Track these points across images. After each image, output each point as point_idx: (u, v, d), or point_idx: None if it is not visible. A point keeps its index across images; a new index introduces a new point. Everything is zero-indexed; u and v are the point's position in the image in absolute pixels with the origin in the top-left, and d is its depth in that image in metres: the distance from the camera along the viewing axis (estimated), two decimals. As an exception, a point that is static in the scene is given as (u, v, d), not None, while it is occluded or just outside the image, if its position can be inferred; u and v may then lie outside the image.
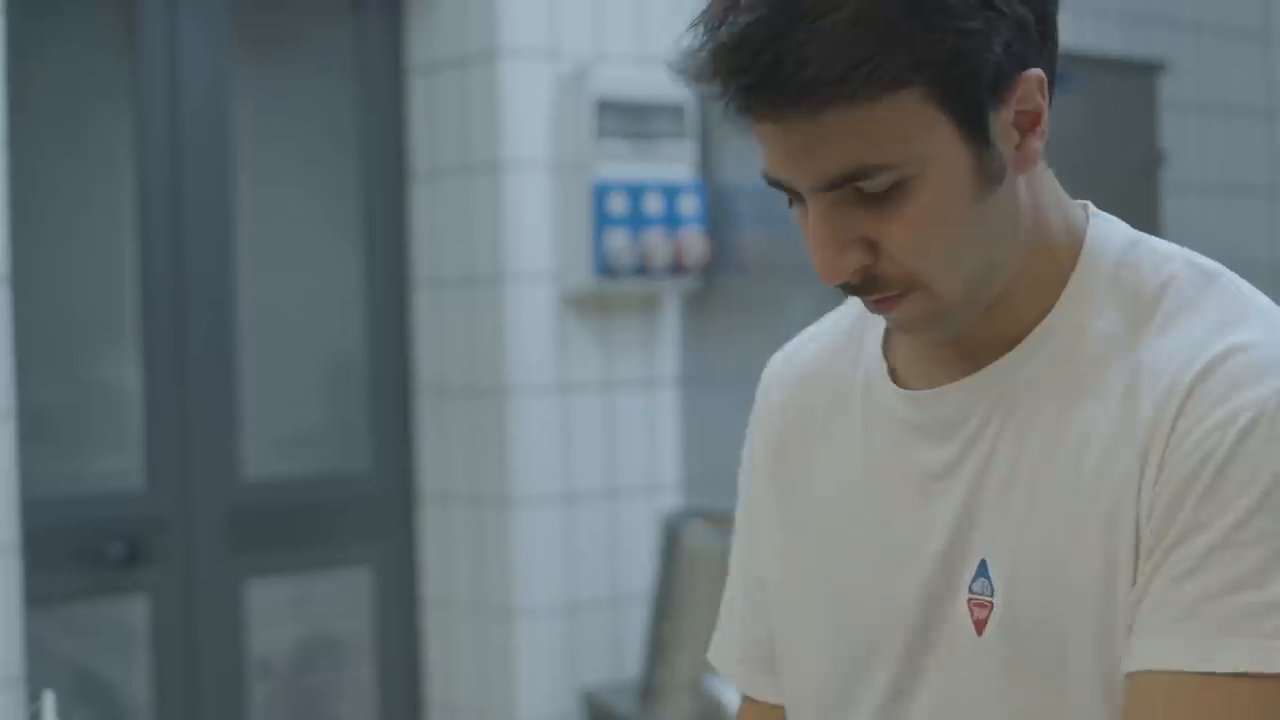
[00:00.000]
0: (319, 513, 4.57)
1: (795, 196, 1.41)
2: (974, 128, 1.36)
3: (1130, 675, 1.36)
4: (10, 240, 3.68)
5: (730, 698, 3.76)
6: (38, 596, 3.90)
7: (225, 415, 4.39)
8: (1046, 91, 1.41)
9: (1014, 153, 1.40)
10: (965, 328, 1.46)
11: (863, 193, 1.37)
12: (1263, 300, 1.45)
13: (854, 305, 1.59)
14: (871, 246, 1.39)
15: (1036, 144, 1.41)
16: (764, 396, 1.71)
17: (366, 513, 4.63)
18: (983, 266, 1.42)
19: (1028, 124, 1.40)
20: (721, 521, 4.29)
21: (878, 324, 1.58)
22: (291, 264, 4.57)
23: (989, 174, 1.39)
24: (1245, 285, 1.46)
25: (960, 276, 1.41)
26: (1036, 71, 1.39)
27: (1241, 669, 1.31)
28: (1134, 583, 1.36)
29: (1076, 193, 1.53)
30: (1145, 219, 5.18)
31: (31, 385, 3.94)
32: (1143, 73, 4.98)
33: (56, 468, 4.20)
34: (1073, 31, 5.41)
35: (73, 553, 4.18)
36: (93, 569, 4.20)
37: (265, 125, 4.51)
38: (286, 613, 4.54)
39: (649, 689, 4.32)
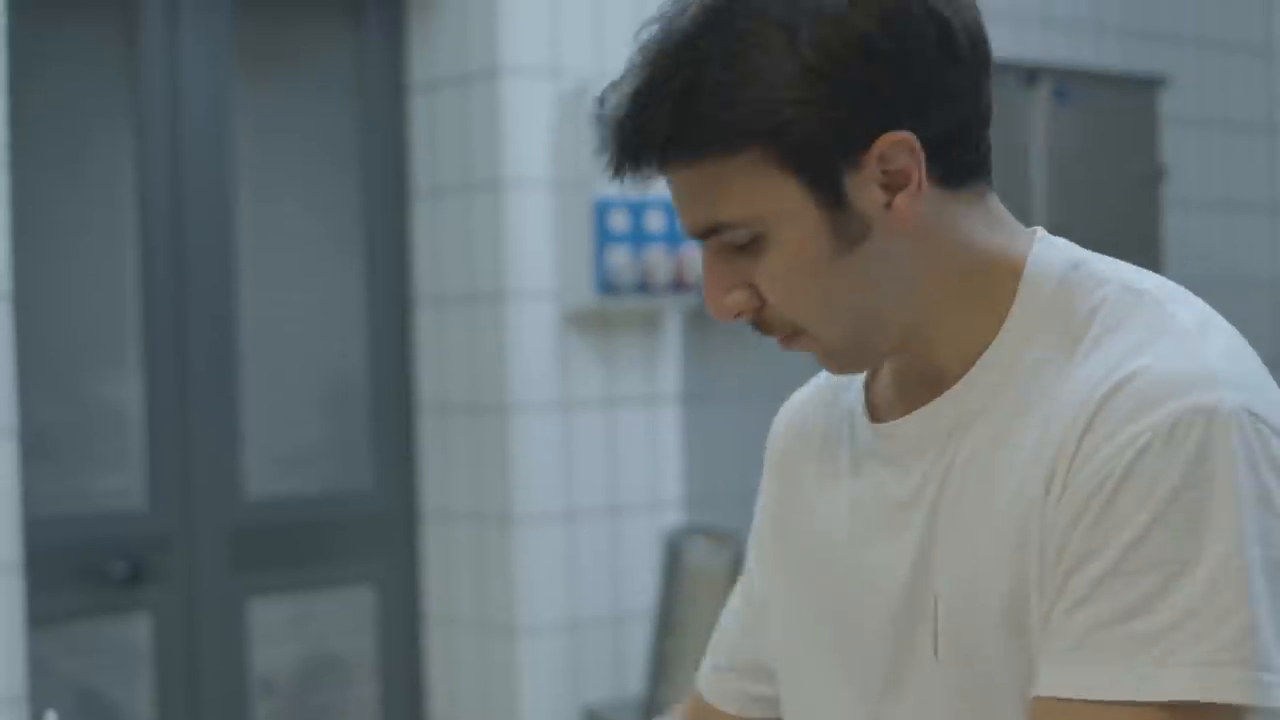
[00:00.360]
0: (321, 531, 4.57)
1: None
2: (823, 189, 1.43)
3: (1032, 699, 1.38)
4: (12, 258, 3.68)
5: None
6: (40, 615, 3.90)
7: (227, 433, 4.39)
8: (919, 151, 1.43)
9: (882, 211, 1.44)
10: (916, 358, 1.52)
11: (729, 243, 1.46)
12: (1187, 317, 1.44)
13: None
14: (755, 290, 1.47)
15: (907, 202, 1.44)
16: (770, 438, 1.77)
17: (368, 531, 4.63)
18: (865, 314, 1.48)
19: (899, 183, 1.44)
20: (723, 538, 4.30)
21: None
22: (293, 281, 4.57)
23: (846, 233, 1.44)
24: (1176, 302, 1.46)
25: (837, 326, 1.48)
26: (902, 133, 1.42)
27: (1126, 698, 1.32)
28: (1042, 603, 1.39)
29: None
30: (1146, 234, 5.20)
31: (33, 404, 3.95)
32: (1143, 87, 4.98)
33: (59, 486, 4.19)
34: (1073, 47, 5.44)
35: (75, 571, 4.17)
36: (95, 588, 4.20)
37: (266, 142, 4.52)
38: (289, 631, 4.54)
39: (652, 706, 4.32)
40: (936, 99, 1.44)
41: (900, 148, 1.42)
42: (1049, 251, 1.51)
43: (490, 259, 4.43)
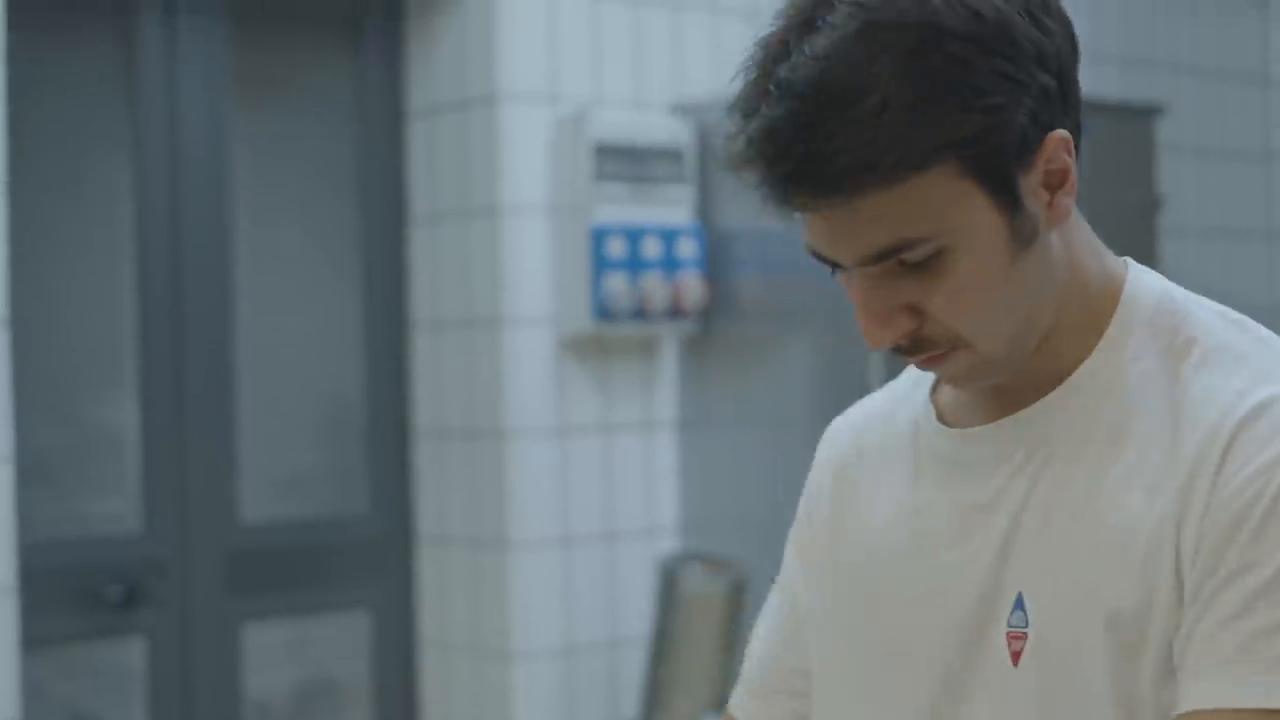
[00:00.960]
0: (317, 555, 4.56)
1: (837, 266, 1.46)
2: (1005, 195, 1.41)
3: (1181, 716, 1.38)
4: (10, 283, 3.69)
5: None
6: (35, 638, 3.90)
7: (223, 457, 4.39)
8: (1073, 148, 1.45)
9: (1045, 211, 1.45)
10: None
11: (904, 263, 1.42)
12: None
13: (911, 371, 1.67)
14: (915, 311, 1.45)
15: (1067, 200, 1.46)
16: (820, 454, 1.76)
17: (364, 555, 4.63)
18: (1023, 321, 1.48)
19: (1057, 182, 1.45)
20: (719, 564, 4.30)
21: (929, 378, 1.63)
22: (290, 306, 4.58)
23: (1023, 236, 1.44)
24: (1277, 337, 1.51)
25: (1003, 333, 1.47)
26: (1061, 131, 1.44)
27: None
28: (1174, 622, 1.39)
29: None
30: (1143, 262, 5.19)
31: (30, 427, 3.95)
32: (1141, 116, 5.00)
33: (54, 510, 4.19)
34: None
35: (70, 595, 4.17)
36: (90, 611, 4.19)
37: (264, 168, 4.52)
38: (284, 655, 4.53)
39: (647, 732, 4.32)
40: (1075, 95, 1.47)
41: (1061, 146, 1.44)
42: (1145, 276, 1.55)
43: (487, 284, 4.44)
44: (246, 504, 4.43)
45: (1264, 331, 1.51)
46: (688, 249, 4.49)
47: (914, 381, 1.67)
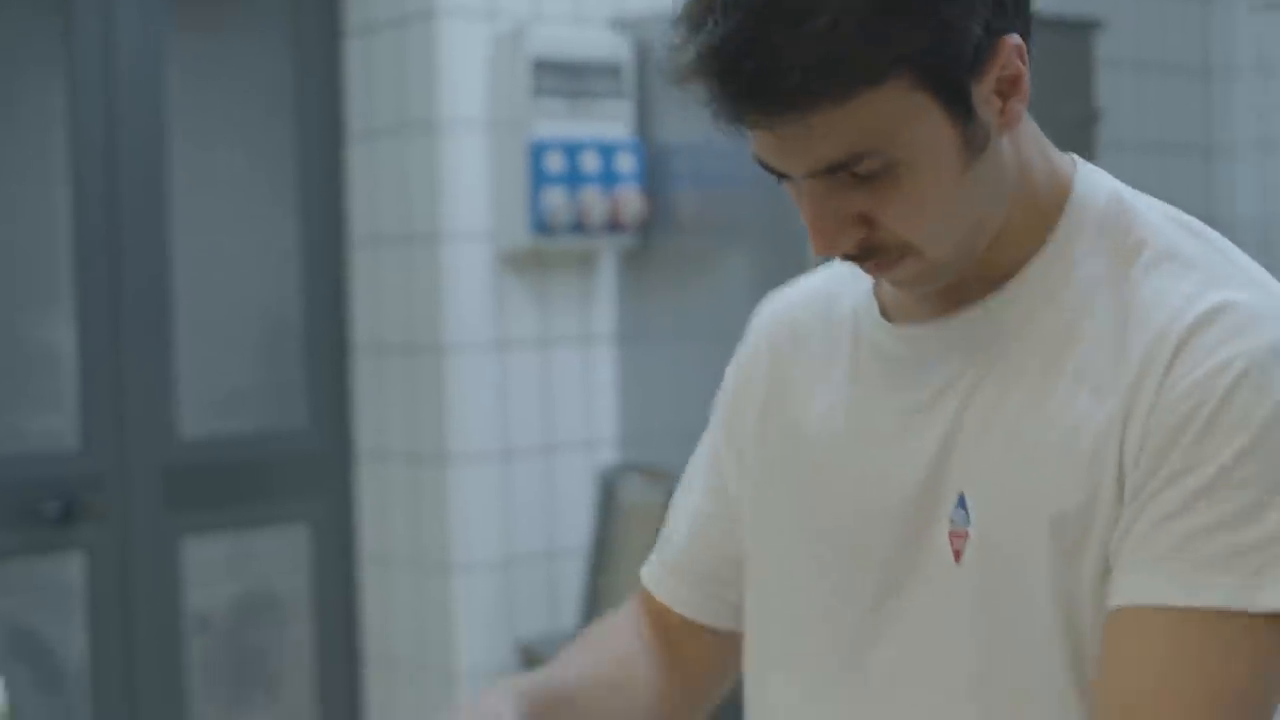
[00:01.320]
0: (256, 471, 4.57)
1: (785, 177, 1.45)
2: (958, 105, 1.40)
3: (1112, 611, 1.39)
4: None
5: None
6: (-27, 554, 3.90)
7: (161, 374, 4.39)
8: (1025, 53, 1.44)
9: (997, 118, 1.44)
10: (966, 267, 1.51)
11: (855, 175, 1.41)
12: (1243, 256, 1.49)
13: None
14: (865, 220, 1.44)
15: (1019, 106, 1.45)
16: (753, 332, 1.75)
17: (304, 470, 4.64)
18: (973, 226, 1.47)
19: (1009, 88, 1.44)
20: (658, 475, 4.33)
21: None
22: (227, 223, 4.56)
23: (975, 144, 1.43)
24: (1226, 241, 1.51)
25: (951, 239, 1.45)
26: (1014, 36, 1.43)
27: (1222, 605, 1.34)
28: (1115, 522, 1.40)
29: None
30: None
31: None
32: (1079, 30, 5.00)
33: (-8, 427, 4.19)
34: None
35: (8, 511, 4.17)
36: (28, 527, 4.20)
37: (200, 86, 4.50)
38: (224, 570, 4.54)
39: (586, 644, 4.34)
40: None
41: (1014, 52, 1.42)
42: (1094, 175, 1.55)
43: (426, 200, 4.43)
44: (185, 420, 4.43)
45: (1211, 233, 1.51)
46: (626, 164, 4.49)
47: (855, 268, 1.65)
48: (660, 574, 1.79)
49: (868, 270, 1.49)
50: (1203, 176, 6.05)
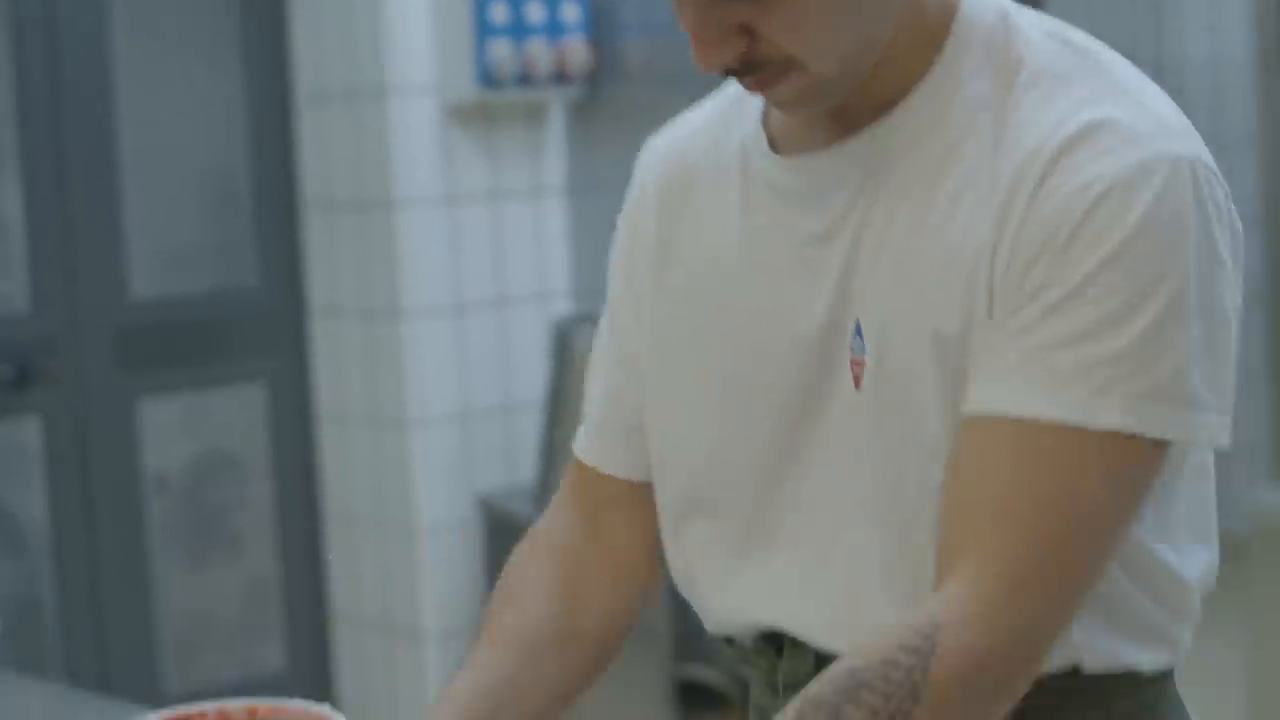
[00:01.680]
0: (209, 330, 4.57)
1: None
2: None
3: (964, 419, 1.40)
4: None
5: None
6: (-73, 420, 3.90)
7: (110, 235, 4.37)
8: None
9: None
10: (852, 90, 1.48)
11: None
12: (1128, 72, 1.47)
13: (733, 85, 1.60)
14: (748, 31, 1.41)
15: None
16: (639, 175, 1.71)
17: (257, 329, 4.63)
18: (859, 40, 1.43)
19: None
20: (611, 327, 4.33)
21: (756, 98, 1.57)
22: (171, 81, 4.52)
23: None
24: (1118, 62, 1.48)
25: (836, 54, 1.42)
26: None
27: (1064, 419, 1.35)
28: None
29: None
30: None
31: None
32: None
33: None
34: None
35: (-40, 376, 4.17)
36: (-19, 392, 4.19)
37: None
38: (180, 430, 4.55)
39: (544, 492, 4.37)
40: None
41: None
42: None
43: (370, 53, 4.39)
44: (135, 280, 4.41)
45: (1094, 45, 1.49)
46: (571, 13, 4.45)
47: (736, 98, 1.62)
48: (585, 442, 1.74)
49: (749, 87, 1.47)
50: (1153, 18, 6.02)
